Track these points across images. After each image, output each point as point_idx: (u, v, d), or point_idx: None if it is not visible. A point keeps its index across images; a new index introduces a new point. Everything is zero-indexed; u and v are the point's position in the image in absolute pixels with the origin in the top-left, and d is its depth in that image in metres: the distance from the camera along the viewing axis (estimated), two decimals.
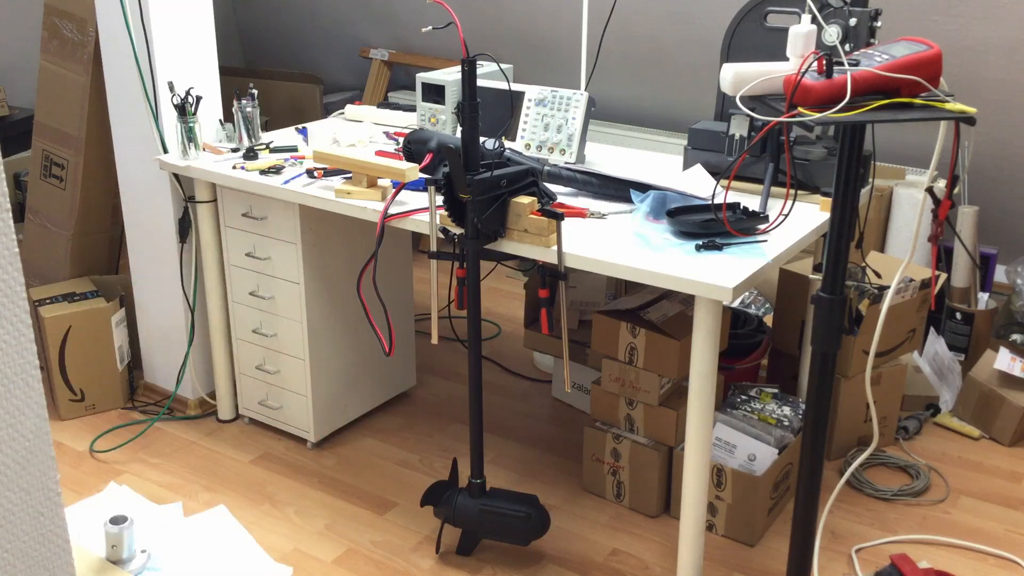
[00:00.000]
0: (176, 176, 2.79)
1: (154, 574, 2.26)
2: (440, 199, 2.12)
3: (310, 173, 2.53)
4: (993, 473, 2.74)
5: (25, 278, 3.32)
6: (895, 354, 2.81)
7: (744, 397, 2.64)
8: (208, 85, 2.83)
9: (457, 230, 2.13)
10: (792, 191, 2.29)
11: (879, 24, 1.96)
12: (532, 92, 2.70)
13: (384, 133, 3.03)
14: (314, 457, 2.80)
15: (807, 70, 1.50)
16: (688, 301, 2.53)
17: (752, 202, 2.29)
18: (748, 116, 2.35)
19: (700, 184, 2.38)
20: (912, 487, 2.63)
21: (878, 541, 2.42)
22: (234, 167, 2.63)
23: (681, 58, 3.77)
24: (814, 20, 1.65)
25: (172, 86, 2.71)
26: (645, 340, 2.42)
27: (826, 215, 2.27)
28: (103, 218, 3.19)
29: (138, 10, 2.66)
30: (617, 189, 2.35)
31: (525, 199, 2.07)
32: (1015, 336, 3.22)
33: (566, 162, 2.62)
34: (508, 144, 2.68)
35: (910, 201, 3.30)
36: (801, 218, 2.24)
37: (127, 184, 2.92)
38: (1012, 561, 2.36)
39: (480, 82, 2.82)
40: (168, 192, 2.82)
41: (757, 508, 2.38)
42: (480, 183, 2.01)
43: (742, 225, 2.10)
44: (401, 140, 2.85)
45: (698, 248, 2.03)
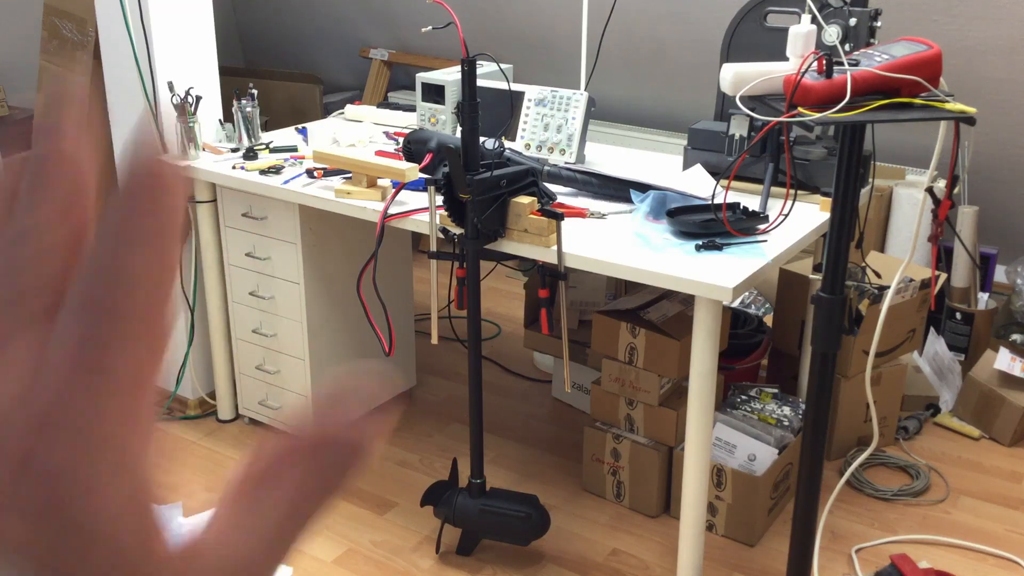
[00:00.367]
0: None
1: None
2: (440, 199, 2.12)
3: (310, 173, 2.53)
4: (993, 473, 2.73)
5: None
6: (895, 354, 2.80)
7: (744, 397, 2.63)
8: (208, 85, 2.83)
9: (457, 230, 2.13)
10: (792, 191, 2.29)
11: (879, 24, 1.95)
12: (532, 92, 2.69)
13: (384, 133, 3.03)
14: None
15: (807, 70, 1.50)
16: (688, 301, 2.53)
17: (752, 202, 2.29)
18: (748, 116, 2.34)
19: (700, 184, 2.38)
20: (912, 487, 2.63)
21: (878, 541, 2.42)
22: (234, 167, 2.63)
23: (681, 58, 3.76)
24: (814, 20, 1.65)
25: (172, 86, 2.71)
26: (645, 340, 2.41)
27: (826, 215, 2.27)
28: None
29: (138, 10, 2.66)
30: (617, 189, 2.35)
31: (525, 199, 2.07)
32: (1015, 336, 3.21)
33: (566, 162, 2.62)
34: (508, 144, 2.68)
35: (910, 201, 3.29)
36: (801, 218, 2.24)
37: None
38: (1012, 561, 2.36)
39: (480, 82, 2.81)
40: None
41: (757, 508, 2.38)
42: (480, 183, 2.01)
43: (742, 225, 2.10)
44: (401, 140, 2.85)
45: (698, 248, 2.03)
